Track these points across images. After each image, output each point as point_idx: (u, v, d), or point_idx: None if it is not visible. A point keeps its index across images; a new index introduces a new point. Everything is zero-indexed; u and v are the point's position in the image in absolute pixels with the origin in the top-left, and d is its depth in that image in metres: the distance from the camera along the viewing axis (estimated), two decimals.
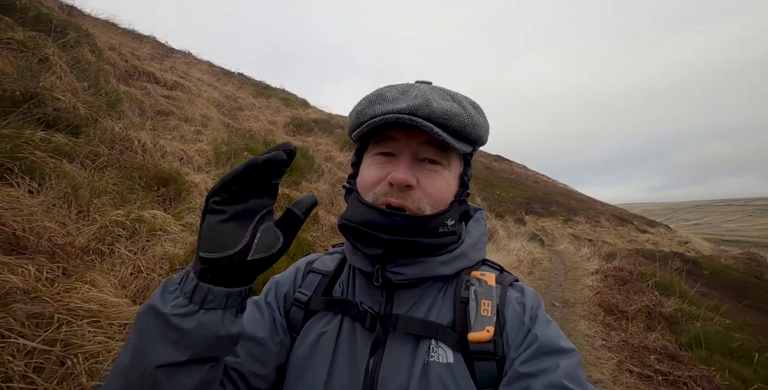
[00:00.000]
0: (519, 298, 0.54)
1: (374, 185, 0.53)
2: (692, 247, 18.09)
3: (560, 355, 0.47)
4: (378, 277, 0.53)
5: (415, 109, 0.49)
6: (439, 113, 0.49)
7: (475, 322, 0.49)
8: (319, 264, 0.63)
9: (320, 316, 0.56)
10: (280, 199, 4.09)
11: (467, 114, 0.52)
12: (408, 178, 0.50)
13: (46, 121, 2.38)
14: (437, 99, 0.51)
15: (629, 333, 3.63)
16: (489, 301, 0.51)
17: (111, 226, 1.93)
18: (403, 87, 0.54)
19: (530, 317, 0.51)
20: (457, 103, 0.53)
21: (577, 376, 0.46)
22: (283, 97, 11.00)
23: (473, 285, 0.53)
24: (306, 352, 0.54)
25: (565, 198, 20.32)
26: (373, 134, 0.55)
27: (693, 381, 2.73)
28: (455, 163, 0.56)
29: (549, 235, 12.63)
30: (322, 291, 0.59)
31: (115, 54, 5.02)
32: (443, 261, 0.54)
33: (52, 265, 1.48)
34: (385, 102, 0.52)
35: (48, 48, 3.12)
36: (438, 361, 0.48)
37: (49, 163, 2.06)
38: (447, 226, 0.53)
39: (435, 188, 0.52)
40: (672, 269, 7.13)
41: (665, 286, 5.29)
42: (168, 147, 3.38)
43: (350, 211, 0.54)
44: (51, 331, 1.23)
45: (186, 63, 8.49)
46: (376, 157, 0.55)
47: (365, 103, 0.54)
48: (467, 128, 0.52)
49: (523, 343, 0.49)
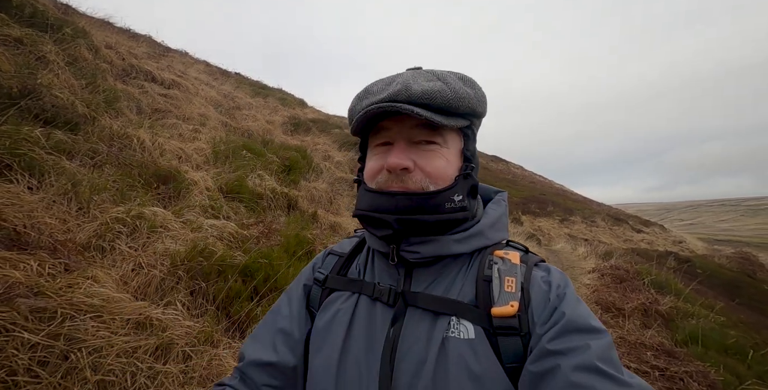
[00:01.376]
0: (545, 276, 0.53)
1: (376, 174, 0.55)
2: (686, 247, 18.27)
3: (591, 335, 0.45)
4: (393, 257, 0.54)
5: (395, 95, 0.50)
6: (419, 94, 0.50)
7: (498, 297, 0.49)
8: (337, 247, 0.67)
9: (338, 294, 0.59)
10: (279, 197, 4.09)
11: (451, 89, 0.51)
12: (401, 161, 0.51)
13: (44, 118, 2.37)
14: (420, 81, 0.51)
15: (626, 330, 3.67)
16: (513, 278, 0.50)
17: (111, 223, 1.92)
18: (390, 78, 0.55)
19: (557, 295, 0.50)
20: (442, 81, 0.52)
21: (610, 357, 0.43)
22: (280, 96, 10.98)
23: (496, 264, 0.53)
24: (323, 327, 0.56)
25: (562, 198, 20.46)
26: (369, 128, 0.56)
27: (689, 376, 2.76)
28: (452, 139, 0.56)
29: (546, 234, 12.70)
30: (337, 270, 0.62)
31: (111, 52, 4.99)
32: (457, 239, 0.54)
33: (54, 261, 1.48)
34: (371, 95, 0.54)
35: (45, 45, 3.10)
36: (458, 337, 0.48)
37: (48, 160, 2.04)
38: (454, 202, 0.53)
39: (433, 167, 0.53)
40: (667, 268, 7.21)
41: (661, 284, 5.35)
42: (166, 145, 3.37)
43: (360, 200, 0.57)
44: (54, 325, 1.23)
45: (183, 62, 8.45)
46: (375, 148, 0.57)
47: (355, 101, 0.57)
48: (452, 102, 0.51)
49: (549, 320, 0.47)
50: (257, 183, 3.91)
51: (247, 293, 2.08)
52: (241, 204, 3.34)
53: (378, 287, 0.55)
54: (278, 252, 2.57)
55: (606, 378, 0.41)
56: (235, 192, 3.41)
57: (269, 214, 3.57)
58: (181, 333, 1.60)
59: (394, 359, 0.49)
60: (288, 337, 0.58)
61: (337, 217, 4.55)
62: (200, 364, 1.56)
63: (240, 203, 3.33)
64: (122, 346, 1.35)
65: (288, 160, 5.21)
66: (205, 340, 1.69)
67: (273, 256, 2.44)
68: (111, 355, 1.30)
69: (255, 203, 3.54)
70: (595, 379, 0.41)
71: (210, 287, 1.97)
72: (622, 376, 0.42)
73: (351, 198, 5.65)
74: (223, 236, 2.41)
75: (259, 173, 4.13)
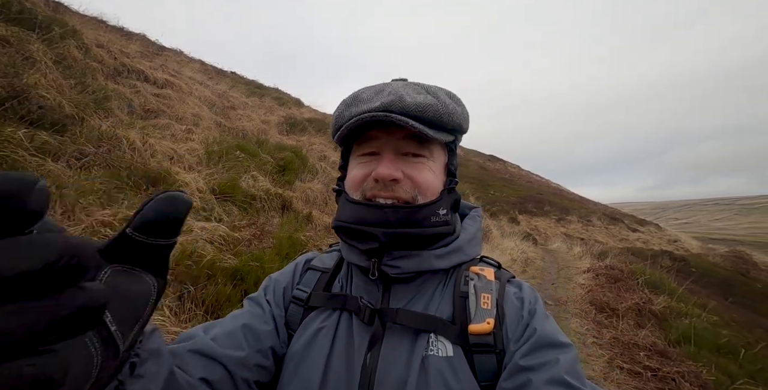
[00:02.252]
0: (517, 292, 0.54)
1: (360, 182, 0.54)
2: (681, 246, 18.43)
3: (559, 350, 0.47)
4: (374, 271, 0.53)
5: (388, 105, 0.50)
6: (413, 106, 0.50)
7: (475, 314, 0.49)
8: (317, 262, 0.63)
9: (318, 312, 0.56)
10: (273, 199, 4.06)
11: (442, 104, 0.52)
12: (392, 172, 0.51)
13: (30, 119, 2.32)
14: (411, 93, 0.52)
15: (620, 330, 3.68)
16: (489, 295, 0.51)
17: (97, 227, 1.88)
18: (379, 86, 0.55)
19: (529, 311, 0.51)
20: (432, 95, 0.53)
21: (576, 371, 0.45)
22: (276, 96, 10.92)
23: (472, 280, 0.53)
24: (302, 348, 0.53)
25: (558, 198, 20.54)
26: (355, 136, 0.55)
27: (681, 377, 2.77)
28: (438, 153, 0.56)
29: (542, 234, 12.75)
30: (322, 287, 0.59)
31: (103, 51, 4.92)
32: (438, 255, 0.54)
33: None
34: (361, 103, 0.53)
35: (32, 44, 3.05)
36: (437, 354, 0.48)
37: (32, 162, 2.01)
38: (439, 216, 0.53)
39: (423, 178, 0.53)
40: (661, 267, 7.25)
41: (655, 283, 5.39)
42: (158, 146, 3.32)
43: (341, 211, 0.55)
44: None
45: (177, 61, 8.37)
46: (360, 157, 0.56)
47: (342, 107, 0.55)
48: (443, 117, 0.52)
49: (522, 337, 0.48)
50: (251, 184, 3.87)
51: (237, 297, 2.05)
52: (234, 205, 3.31)
53: (360, 303, 0.53)
54: (270, 255, 2.55)
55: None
56: (227, 193, 3.38)
57: (262, 216, 3.54)
58: (167, 340, 1.58)
59: (373, 382, 0.48)
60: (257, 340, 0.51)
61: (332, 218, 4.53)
62: None
63: (233, 205, 3.30)
64: None
65: (283, 161, 5.18)
66: None
67: (264, 259, 2.41)
68: None
69: (248, 204, 3.50)
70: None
71: (198, 291, 1.95)
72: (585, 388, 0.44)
73: None
74: (213, 239, 2.38)
75: (252, 174, 4.10)
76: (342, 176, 0.60)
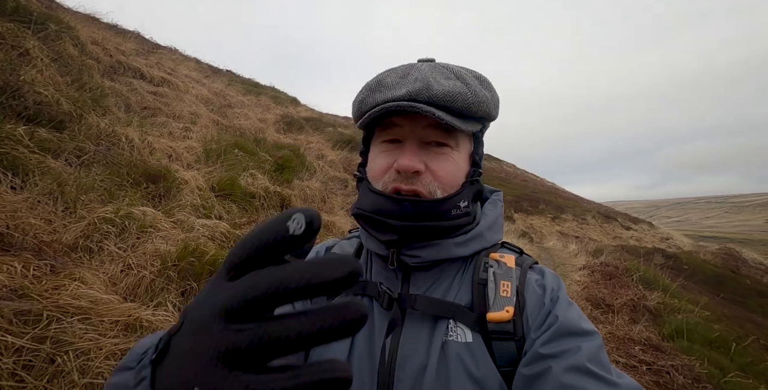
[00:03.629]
0: (539, 279, 0.53)
1: (383, 173, 0.53)
2: (673, 243, 18.70)
3: (582, 337, 0.46)
4: (393, 261, 0.53)
5: (414, 94, 0.48)
6: (441, 95, 0.48)
7: (494, 302, 0.49)
8: (337, 249, 0.63)
9: (340, 298, 0.55)
10: (272, 197, 4.06)
11: (471, 91, 0.50)
12: (414, 164, 0.49)
13: (27, 116, 2.30)
14: (439, 79, 0.49)
15: (615, 325, 3.74)
16: (508, 282, 0.50)
17: (99, 223, 1.88)
18: (404, 69, 0.52)
19: (551, 298, 0.50)
20: (461, 81, 0.50)
21: (599, 359, 0.44)
22: (273, 94, 10.87)
23: (492, 267, 0.52)
24: None
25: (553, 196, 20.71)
26: (378, 121, 0.54)
27: (675, 370, 2.84)
28: (464, 142, 0.55)
29: (537, 232, 12.85)
30: None
31: (98, 48, 4.87)
32: (458, 242, 0.53)
33: (39, 262, 1.44)
34: (385, 89, 0.51)
35: (28, 41, 3.01)
36: (456, 340, 0.48)
37: (32, 159, 1.99)
38: (460, 208, 0.52)
39: (444, 171, 0.52)
40: (655, 264, 7.36)
41: (649, 280, 5.47)
42: (156, 144, 3.31)
43: (362, 199, 0.55)
44: (40, 328, 1.21)
45: (172, 59, 8.30)
46: (382, 144, 0.54)
47: (366, 92, 0.53)
48: (472, 107, 0.50)
49: (543, 324, 0.48)
50: (250, 182, 3.87)
51: None
52: (234, 203, 3.30)
53: (380, 288, 0.53)
54: None
55: (595, 378, 0.42)
56: (227, 191, 3.37)
57: (262, 214, 3.54)
58: None
59: (393, 367, 0.48)
60: None
61: (331, 216, 4.53)
62: None
63: (232, 203, 3.30)
64: (111, 349, 1.33)
65: (281, 159, 5.17)
66: None
67: None
68: (99, 358, 1.28)
69: (247, 202, 3.50)
70: (585, 379, 0.41)
71: (201, 287, 1.95)
72: (611, 376, 0.43)
73: (344, 197, 5.64)
74: (215, 236, 2.39)
75: (251, 172, 4.09)
76: (363, 162, 0.58)
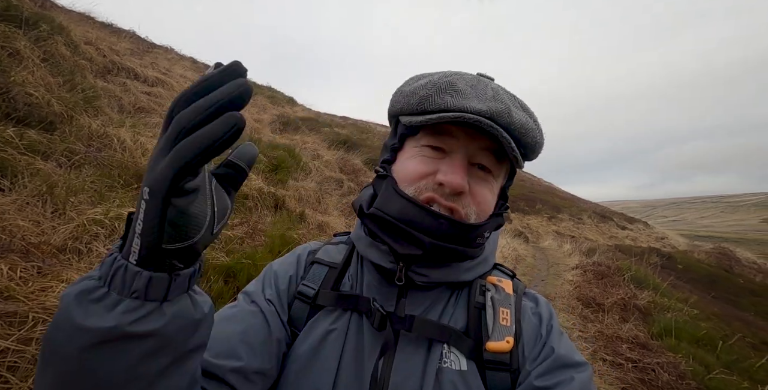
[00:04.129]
0: (534, 308, 0.52)
1: (419, 179, 0.48)
2: (668, 243, 18.85)
3: (575, 369, 0.46)
4: (401, 276, 0.49)
5: (496, 114, 0.45)
6: (518, 125, 0.46)
7: (493, 330, 0.47)
8: (323, 254, 0.57)
9: (327, 312, 0.52)
10: (266, 197, 4.07)
11: (539, 131, 0.50)
12: (462, 182, 0.47)
13: (16, 117, 2.31)
14: (515, 108, 0.48)
15: (604, 324, 3.79)
16: (508, 310, 0.49)
17: (88, 225, 1.89)
18: (471, 79, 0.49)
19: (546, 330, 0.50)
20: (530, 117, 0.50)
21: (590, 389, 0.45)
22: (269, 94, 10.87)
23: (489, 291, 0.51)
24: (310, 351, 0.49)
25: (550, 196, 20.81)
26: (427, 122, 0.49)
27: (660, 367, 2.89)
28: (503, 174, 0.53)
29: (534, 232, 12.93)
30: (330, 285, 0.54)
31: (91, 48, 4.86)
32: (467, 267, 0.52)
33: (26, 264, 1.46)
34: (458, 94, 0.47)
35: (19, 41, 3.01)
36: (451, 367, 0.46)
37: (22, 161, 2.00)
38: (483, 238, 0.51)
39: (483, 197, 0.49)
40: (648, 264, 7.44)
41: (640, 279, 5.53)
42: (149, 144, 3.31)
43: (385, 201, 0.48)
44: (26, 330, 1.22)
45: (168, 59, 8.28)
46: (424, 148, 0.50)
47: (433, 89, 0.48)
48: (536, 147, 0.50)
49: (539, 356, 0.47)
50: (243, 183, 3.88)
51: (230, 294, 2.08)
52: None
53: (372, 305, 0.49)
54: (262, 252, 2.58)
55: None
56: None
57: (255, 214, 3.56)
58: None
59: None
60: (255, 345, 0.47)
61: (325, 217, 4.55)
62: None
63: None
64: None
65: (276, 159, 5.19)
66: None
67: (257, 256, 2.44)
68: None
69: (240, 203, 3.52)
70: None
71: None
72: None
73: (339, 197, 5.65)
74: None
75: None
76: (388, 159, 0.53)
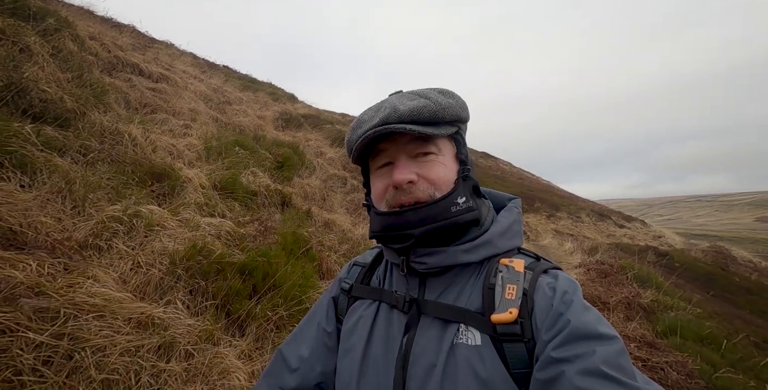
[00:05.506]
0: (552, 282, 0.53)
1: (383, 193, 0.59)
2: (665, 241, 18.99)
3: (598, 341, 0.45)
4: (403, 267, 0.59)
5: (386, 119, 0.54)
6: (407, 113, 0.54)
7: (499, 304, 0.51)
8: (361, 258, 0.73)
9: (361, 302, 0.65)
10: (273, 195, 4.07)
11: (434, 102, 0.56)
12: (405, 175, 0.55)
13: (32, 114, 2.29)
14: (404, 102, 0.56)
15: (610, 323, 3.83)
16: (514, 285, 0.52)
17: (108, 222, 1.89)
18: (377, 105, 0.59)
19: (562, 301, 0.50)
20: (424, 98, 0.56)
21: (619, 363, 0.43)
22: (270, 91, 10.81)
23: (501, 272, 0.55)
24: (348, 334, 0.62)
25: (548, 194, 20.88)
26: (367, 153, 0.60)
27: (669, 366, 2.92)
28: (446, 146, 0.59)
29: (533, 230, 12.98)
30: (361, 280, 0.68)
31: (96, 44, 4.82)
32: (465, 249, 0.56)
33: (53, 261, 1.46)
34: (364, 124, 0.57)
35: (28, 36, 2.98)
36: (466, 343, 0.51)
37: (40, 157, 1.99)
38: (459, 204, 0.56)
39: (435, 174, 0.56)
40: (648, 262, 7.50)
41: (643, 278, 5.58)
42: (158, 141, 3.30)
43: (373, 223, 0.61)
44: (58, 325, 1.23)
45: (169, 54, 8.21)
46: (378, 170, 0.60)
47: (350, 132, 0.60)
48: (438, 113, 0.55)
49: (554, 327, 0.48)
50: (251, 180, 3.88)
51: (246, 292, 2.09)
52: (236, 201, 3.32)
53: (395, 295, 0.60)
54: (276, 250, 2.58)
55: (612, 382, 0.41)
56: (229, 189, 3.38)
57: (264, 212, 3.56)
58: (182, 332, 1.61)
59: (407, 365, 0.53)
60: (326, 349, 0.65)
61: (331, 214, 4.56)
62: (202, 362, 1.58)
63: (234, 201, 3.31)
64: (125, 345, 1.36)
65: (281, 157, 5.18)
66: (206, 338, 1.71)
67: (271, 254, 2.44)
68: (114, 354, 1.31)
69: (249, 200, 3.52)
70: (600, 383, 0.41)
71: (209, 286, 1.98)
72: (634, 381, 0.41)
73: (344, 195, 5.66)
74: (220, 235, 2.41)
75: (252, 170, 4.10)
76: (368, 192, 0.65)
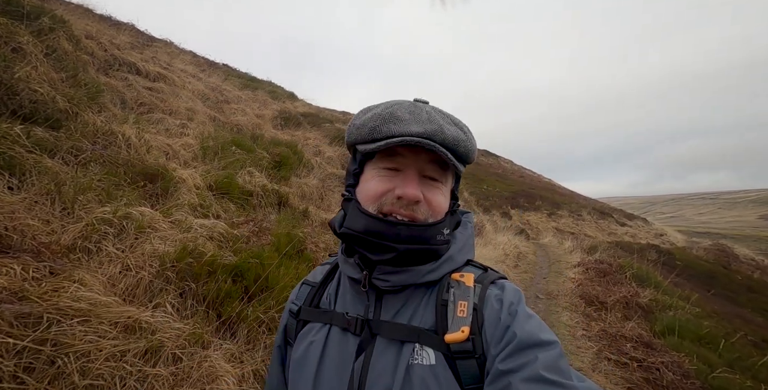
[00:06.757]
0: (498, 294, 0.55)
1: (379, 197, 0.56)
2: (667, 239, 18.90)
3: (539, 348, 0.47)
4: (365, 283, 0.57)
5: (431, 134, 0.53)
6: (451, 139, 0.55)
7: (452, 323, 0.52)
8: (310, 276, 0.69)
9: (311, 326, 0.62)
10: (269, 195, 4.06)
11: (469, 140, 0.58)
12: (418, 193, 0.55)
13: (22, 114, 2.28)
14: (446, 125, 0.56)
15: (608, 323, 3.81)
16: (465, 302, 0.53)
17: (97, 224, 1.88)
18: (409, 106, 0.58)
19: (509, 313, 0.52)
20: (461, 130, 0.58)
21: (557, 367, 0.46)
22: (270, 89, 10.78)
23: (453, 287, 0.56)
24: (298, 360, 0.60)
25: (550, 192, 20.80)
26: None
27: (665, 366, 2.91)
28: (449, 179, 0.62)
29: (534, 228, 12.96)
30: (309, 302, 0.64)
31: (92, 43, 4.80)
32: (429, 269, 0.57)
33: (38, 264, 1.45)
34: (399, 122, 0.55)
35: (21, 36, 2.96)
36: (421, 363, 0.51)
37: (29, 159, 1.98)
38: (443, 235, 0.57)
39: (437, 202, 0.58)
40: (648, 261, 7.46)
41: (642, 277, 5.55)
42: (153, 141, 3.29)
43: (352, 220, 0.57)
44: (40, 330, 1.22)
45: (168, 53, 8.18)
46: (381, 170, 0.58)
47: (378, 121, 0.56)
48: (470, 154, 0.58)
49: (502, 340, 0.49)
50: (247, 180, 3.87)
51: (238, 294, 2.08)
52: (231, 202, 3.30)
53: (346, 317, 0.58)
54: (269, 251, 2.57)
55: (553, 385, 0.44)
56: (224, 190, 3.37)
57: (259, 212, 3.55)
58: (170, 335, 1.60)
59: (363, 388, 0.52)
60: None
61: (329, 214, 4.54)
62: (190, 365, 1.57)
63: (230, 201, 3.30)
64: (111, 350, 1.35)
65: (278, 156, 5.16)
66: (195, 341, 1.69)
67: (264, 255, 2.43)
68: (99, 360, 1.30)
69: (245, 201, 3.50)
70: (543, 388, 0.43)
71: (200, 288, 1.96)
72: (569, 381, 0.45)
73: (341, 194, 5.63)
74: (213, 236, 2.39)
75: (248, 170, 4.08)
76: (352, 183, 0.61)
